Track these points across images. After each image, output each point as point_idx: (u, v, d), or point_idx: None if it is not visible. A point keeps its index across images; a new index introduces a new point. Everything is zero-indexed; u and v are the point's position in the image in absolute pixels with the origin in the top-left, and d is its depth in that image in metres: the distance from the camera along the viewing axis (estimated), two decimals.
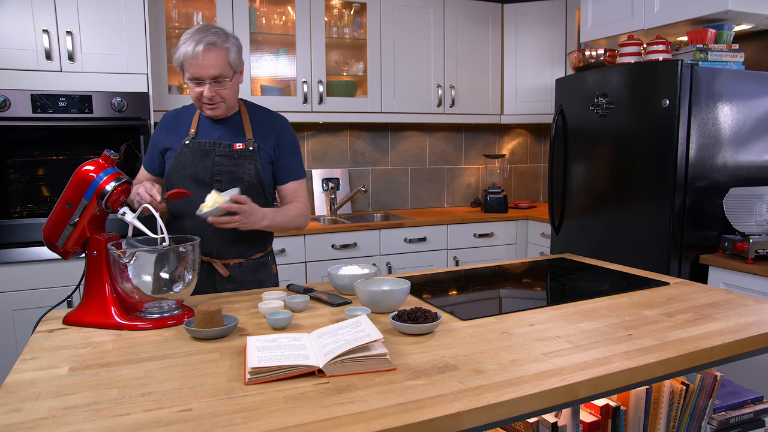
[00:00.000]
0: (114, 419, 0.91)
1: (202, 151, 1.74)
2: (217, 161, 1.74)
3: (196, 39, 1.60)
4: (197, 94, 1.67)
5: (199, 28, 1.64)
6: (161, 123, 1.85)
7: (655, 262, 2.50)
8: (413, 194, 4.03)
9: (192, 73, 1.63)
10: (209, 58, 1.60)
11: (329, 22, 3.42)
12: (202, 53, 1.59)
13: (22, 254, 2.48)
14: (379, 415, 0.92)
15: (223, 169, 1.74)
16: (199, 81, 1.64)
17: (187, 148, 1.75)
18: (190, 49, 1.59)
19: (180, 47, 1.62)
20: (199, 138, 1.76)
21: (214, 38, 1.61)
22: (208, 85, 1.64)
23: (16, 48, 2.46)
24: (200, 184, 1.73)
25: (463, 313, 1.47)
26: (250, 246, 1.83)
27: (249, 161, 1.75)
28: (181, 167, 1.74)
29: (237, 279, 1.81)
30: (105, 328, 1.37)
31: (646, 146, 2.54)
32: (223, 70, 1.64)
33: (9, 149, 2.53)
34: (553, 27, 3.71)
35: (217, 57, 1.61)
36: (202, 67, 1.61)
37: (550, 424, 1.20)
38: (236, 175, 1.74)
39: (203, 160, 1.74)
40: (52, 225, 1.43)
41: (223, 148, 1.74)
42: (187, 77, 1.65)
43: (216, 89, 1.65)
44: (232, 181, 1.74)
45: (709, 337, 1.27)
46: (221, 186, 1.73)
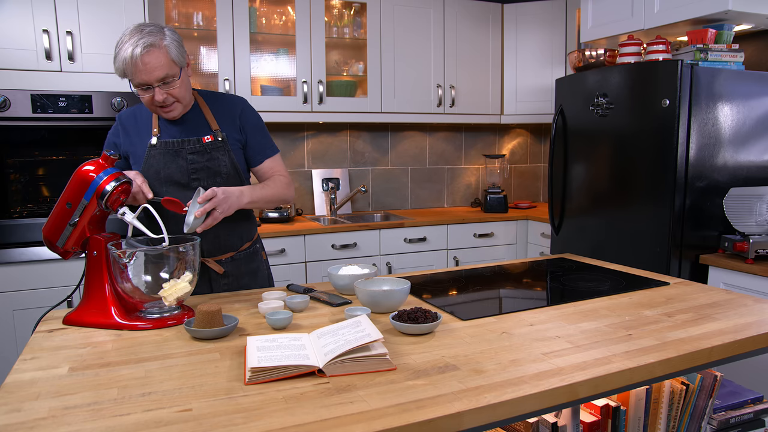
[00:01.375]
0: (114, 419, 0.91)
1: (172, 151, 1.67)
2: (190, 159, 1.67)
3: (132, 43, 1.49)
4: (148, 99, 1.58)
5: (132, 30, 1.52)
6: (117, 125, 1.74)
7: (655, 262, 2.50)
8: (413, 194, 4.03)
9: (137, 80, 1.53)
10: (151, 61, 1.50)
11: (329, 22, 3.42)
12: (140, 57, 1.49)
13: (22, 254, 2.48)
14: (379, 415, 0.92)
15: (198, 166, 1.68)
16: (147, 86, 1.55)
17: (155, 150, 1.67)
18: (128, 54, 1.49)
19: (118, 54, 1.52)
20: (164, 138, 1.68)
21: (150, 38, 1.50)
22: (157, 88, 1.55)
23: (16, 48, 2.46)
24: (178, 185, 1.67)
25: (463, 313, 1.47)
26: (237, 238, 1.80)
27: (222, 152, 1.70)
28: (153, 172, 1.67)
29: (232, 273, 1.79)
30: (105, 328, 1.37)
31: (646, 146, 2.54)
32: (168, 70, 1.54)
33: (9, 149, 2.53)
34: (553, 27, 3.71)
35: (158, 58, 1.51)
36: (146, 71, 1.51)
37: (550, 424, 1.20)
38: (213, 169, 1.68)
39: (175, 160, 1.67)
40: (52, 225, 1.43)
41: (193, 144, 1.67)
42: (134, 84, 1.56)
43: (167, 90, 1.57)
44: (209, 176, 1.68)
45: (709, 337, 1.27)
46: (200, 183, 1.68)
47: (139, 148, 1.69)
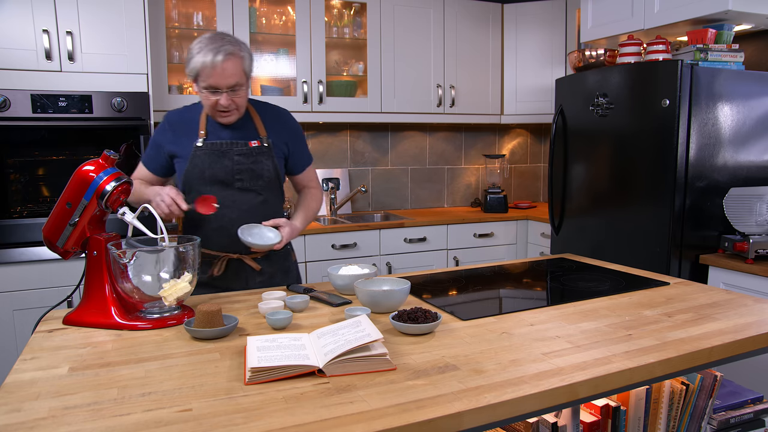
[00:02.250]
0: (114, 419, 0.91)
1: (219, 152, 1.75)
2: (236, 160, 1.75)
3: (213, 48, 1.60)
4: (213, 102, 1.67)
5: (213, 37, 1.64)
6: (165, 123, 1.81)
7: (655, 262, 2.50)
8: (413, 194, 4.03)
9: (210, 83, 1.63)
10: (228, 68, 1.61)
11: (329, 22, 3.42)
12: (221, 63, 1.60)
13: (22, 254, 2.48)
14: (379, 415, 0.92)
15: (243, 168, 1.76)
16: (216, 90, 1.64)
17: (201, 150, 1.75)
18: (209, 59, 1.59)
19: (195, 56, 1.62)
20: (211, 139, 1.76)
21: (231, 47, 1.62)
22: (225, 93, 1.65)
23: (16, 48, 2.46)
24: (222, 185, 1.76)
25: (463, 313, 1.47)
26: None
27: (266, 158, 1.79)
28: (198, 171, 1.75)
29: (266, 271, 1.86)
30: (105, 328, 1.37)
31: (646, 146, 2.54)
32: (240, 79, 1.65)
33: (9, 149, 2.53)
34: (553, 27, 3.71)
35: (235, 66, 1.62)
36: (222, 76, 1.61)
37: (550, 424, 1.20)
38: (256, 172, 1.77)
39: (221, 161, 1.74)
40: (52, 225, 1.43)
41: (241, 147, 1.76)
42: (203, 86, 1.65)
43: (232, 97, 1.66)
44: (252, 178, 1.77)
45: (709, 337, 1.27)
46: (243, 183, 1.77)
47: (186, 148, 1.76)
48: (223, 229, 1.77)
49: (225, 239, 1.78)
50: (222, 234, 1.78)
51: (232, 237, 1.72)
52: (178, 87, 3.15)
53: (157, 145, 1.81)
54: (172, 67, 3.14)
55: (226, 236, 1.77)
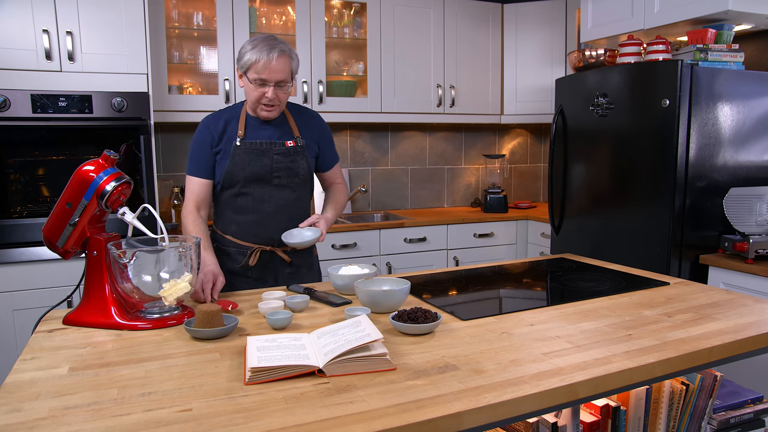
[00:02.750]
0: (114, 419, 0.91)
1: (259, 151, 1.85)
2: (275, 159, 1.86)
3: (268, 46, 1.74)
4: (259, 94, 1.78)
5: (267, 37, 1.78)
6: (203, 127, 1.87)
7: (655, 262, 2.50)
8: (413, 194, 4.03)
9: (261, 76, 1.75)
10: (280, 64, 1.75)
11: (329, 22, 3.42)
12: (276, 59, 1.74)
13: (22, 254, 2.48)
14: (379, 415, 0.92)
15: (281, 166, 1.87)
16: (265, 83, 1.76)
17: (240, 149, 1.84)
18: (264, 54, 1.73)
19: (250, 51, 1.75)
20: (249, 139, 1.86)
21: (284, 47, 1.78)
22: (272, 87, 1.77)
23: (16, 48, 2.46)
24: (260, 181, 1.86)
25: (463, 313, 1.47)
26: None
27: (302, 157, 1.91)
28: (239, 168, 1.84)
29: (294, 263, 1.95)
30: (105, 328, 1.37)
31: (646, 146, 2.54)
32: (287, 76, 1.78)
33: (9, 149, 2.53)
34: (553, 27, 3.71)
35: (285, 63, 1.77)
36: (273, 71, 1.74)
37: (550, 424, 1.20)
38: (293, 170, 1.89)
39: (261, 159, 1.85)
40: (52, 225, 1.43)
41: (279, 147, 1.87)
42: (253, 78, 1.76)
43: (277, 92, 1.78)
44: (289, 176, 1.89)
45: (709, 337, 1.28)
46: (280, 180, 1.88)
47: (227, 146, 1.86)
48: (259, 222, 1.88)
49: (260, 232, 1.89)
50: (258, 227, 1.89)
51: (266, 230, 1.88)
52: (178, 87, 3.15)
53: (202, 149, 1.86)
54: (172, 67, 3.14)
55: (261, 230, 1.89)
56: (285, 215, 1.89)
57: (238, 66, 1.81)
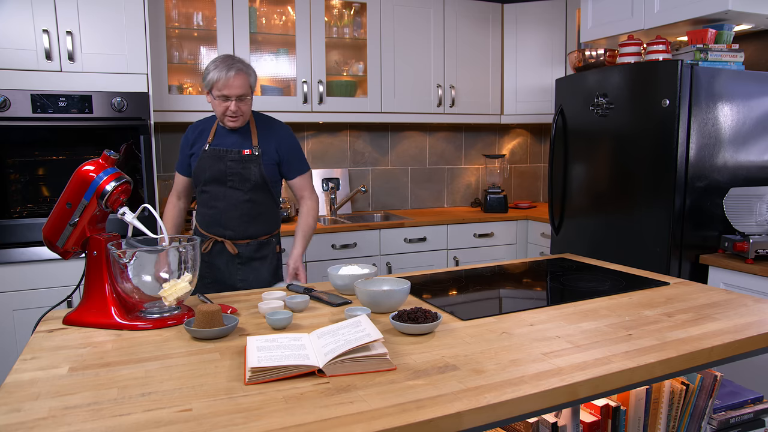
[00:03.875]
0: (114, 419, 0.91)
1: (217, 157, 2.09)
2: (228, 165, 2.08)
3: (226, 66, 1.99)
4: (224, 108, 2.02)
5: (225, 57, 2.03)
6: (188, 133, 2.19)
7: (655, 262, 2.50)
8: (413, 194, 4.03)
9: (223, 92, 1.99)
10: (238, 80, 1.99)
11: (329, 22, 3.42)
12: (233, 77, 1.98)
13: (22, 254, 2.48)
14: (379, 415, 0.92)
15: (233, 171, 2.09)
16: (227, 98, 2.00)
17: (206, 153, 2.11)
18: (223, 73, 1.98)
19: (211, 72, 2.00)
20: (215, 145, 2.12)
21: (241, 65, 2.02)
22: (234, 101, 2.01)
23: (16, 48, 2.46)
24: (218, 182, 2.10)
25: (463, 313, 1.47)
26: (263, 230, 2.18)
27: (254, 164, 2.10)
28: (201, 170, 2.10)
29: (243, 255, 2.14)
30: (105, 328, 1.37)
31: (646, 146, 2.54)
32: (246, 90, 2.03)
33: (9, 149, 2.53)
34: (553, 27, 3.71)
35: (243, 80, 2.01)
36: (232, 87, 1.99)
37: (550, 424, 1.20)
38: (243, 176, 2.09)
39: (218, 164, 2.09)
40: (52, 225, 1.43)
41: (233, 155, 2.09)
42: (216, 95, 2.01)
43: (239, 104, 2.02)
44: (240, 181, 2.09)
45: (709, 337, 1.28)
46: (234, 184, 2.08)
47: (198, 151, 2.14)
48: (214, 216, 2.13)
49: (215, 225, 2.13)
50: (213, 220, 2.13)
51: (219, 223, 2.12)
52: (178, 87, 3.15)
53: (183, 152, 2.19)
54: (172, 67, 3.14)
55: (216, 222, 2.13)
56: (236, 212, 2.10)
57: (203, 85, 2.04)
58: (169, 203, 2.26)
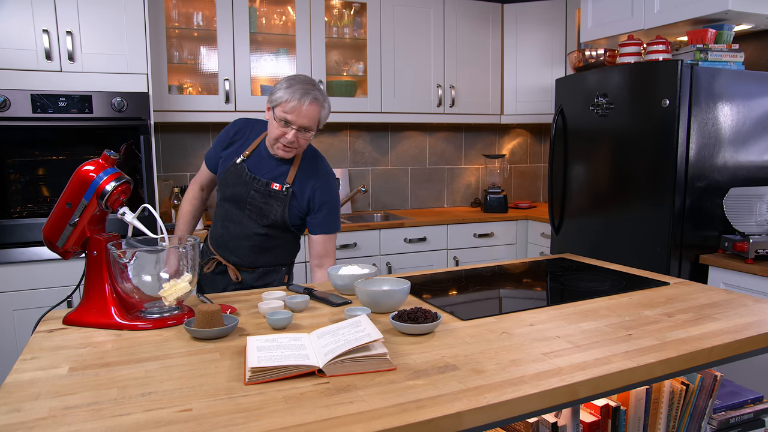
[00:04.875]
0: (114, 419, 0.91)
1: (244, 180, 1.87)
2: (251, 195, 1.86)
3: (303, 90, 1.73)
4: (280, 133, 1.76)
5: (305, 79, 1.77)
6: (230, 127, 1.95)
7: (655, 262, 2.50)
8: (413, 194, 4.03)
9: (288, 117, 1.73)
10: (310, 111, 1.74)
11: (329, 22, 3.42)
12: (307, 105, 1.72)
13: (22, 254, 2.48)
14: (379, 415, 0.92)
15: (254, 203, 1.87)
16: (289, 124, 1.74)
17: (234, 168, 1.88)
18: (297, 96, 1.71)
19: (282, 90, 1.74)
20: (249, 163, 1.88)
21: (318, 95, 1.76)
22: (294, 131, 1.75)
23: (16, 48, 2.46)
24: (236, 203, 1.89)
25: (463, 313, 1.47)
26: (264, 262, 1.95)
27: (279, 204, 1.86)
28: (225, 185, 1.91)
29: (246, 282, 1.95)
30: (105, 328, 1.37)
31: (646, 146, 2.54)
32: (313, 123, 1.77)
33: (9, 149, 2.53)
34: (553, 27, 3.71)
35: (315, 111, 1.75)
36: (300, 115, 1.73)
37: (550, 424, 1.20)
38: (263, 212, 1.87)
39: (242, 188, 1.87)
40: (52, 225, 1.43)
41: (260, 185, 1.86)
42: (279, 116, 1.74)
43: (298, 136, 1.77)
44: (258, 215, 1.87)
45: (709, 337, 1.27)
46: (251, 214, 1.87)
47: (231, 156, 1.92)
48: (223, 237, 1.94)
49: (222, 246, 1.95)
50: (221, 241, 1.95)
51: (226, 247, 1.93)
52: (178, 87, 3.15)
53: (215, 145, 1.97)
54: (172, 67, 3.14)
55: (223, 244, 1.94)
56: (247, 242, 1.90)
57: (269, 100, 1.79)
58: (191, 191, 2.05)
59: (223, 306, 1.52)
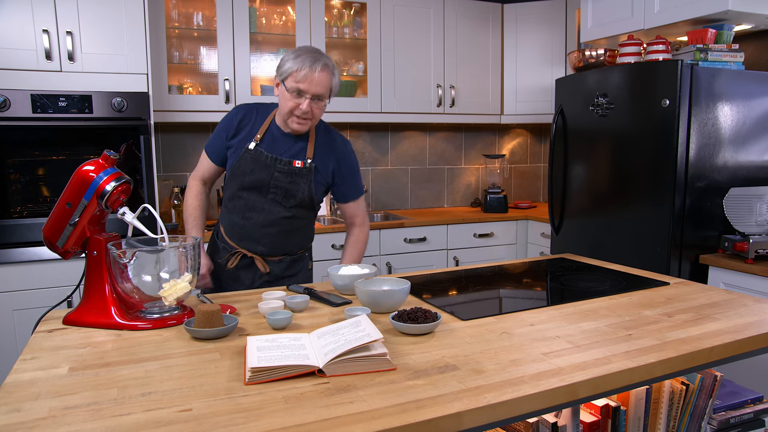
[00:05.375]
0: (114, 419, 0.91)
1: (263, 164, 1.83)
2: (275, 176, 1.83)
3: (312, 58, 1.73)
4: (294, 105, 1.75)
5: (312, 49, 1.77)
6: (233, 115, 1.89)
7: (655, 262, 2.50)
8: (413, 194, 4.03)
9: (300, 86, 1.72)
10: (322, 77, 1.73)
11: (329, 22, 3.42)
12: (318, 71, 1.72)
13: (22, 254, 2.48)
14: (379, 415, 0.92)
15: (280, 184, 1.83)
16: (302, 94, 1.73)
17: (249, 154, 1.83)
18: (308, 64, 1.71)
19: (291, 60, 1.73)
20: (263, 146, 1.84)
21: (328, 61, 1.76)
22: (308, 99, 1.74)
23: (16, 48, 2.46)
24: (258, 192, 1.85)
25: (463, 313, 1.47)
26: (296, 245, 1.96)
27: (304, 180, 1.85)
28: (241, 173, 1.84)
29: (274, 273, 1.93)
30: (105, 328, 1.37)
31: (646, 146, 2.54)
32: (325, 91, 1.76)
33: (9, 149, 2.53)
34: (553, 27, 3.71)
35: (327, 78, 1.75)
36: (313, 83, 1.72)
37: (550, 424, 1.20)
38: (290, 191, 1.85)
39: (262, 172, 1.83)
40: (52, 225, 1.43)
41: (283, 165, 1.83)
42: (291, 87, 1.74)
43: (312, 105, 1.75)
44: (284, 196, 1.85)
45: (709, 337, 1.27)
46: (276, 197, 1.84)
47: (240, 144, 1.85)
48: (245, 228, 1.88)
49: (244, 238, 1.90)
50: (243, 233, 1.89)
51: (251, 239, 1.88)
52: (178, 87, 3.15)
53: (219, 133, 1.89)
54: (172, 67, 3.14)
55: (246, 236, 1.89)
56: (273, 228, 1.87)
57: (277, 74, 1.78)
58: (193, 187, 1.96)
59: (223, 306, 1.52)
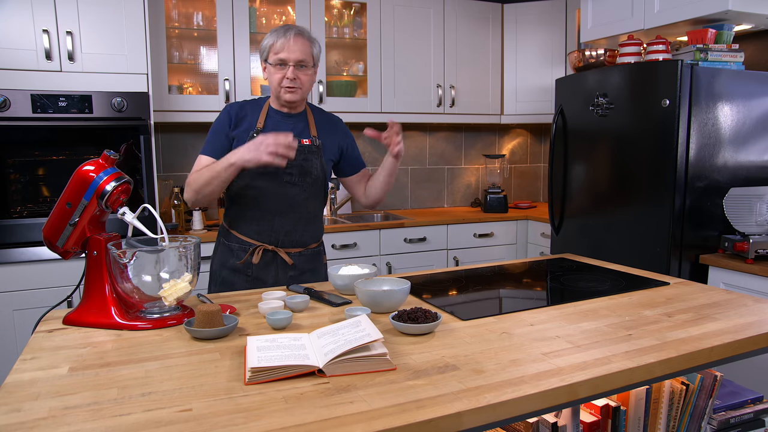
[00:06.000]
0: (114, 419, 0.91)
1: None
2: None
3: (285, 27, 1.78)
4: (281, 76, 1.78)
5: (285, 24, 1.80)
6: (226, 112, 1.87)
7: (655, 262, 2.50)
8: (413, 194, 4.03)
9: (279, 57, 1.76)
10: (297, 43, 1.76)
11: (329, 22, 3.42)
12: (292, 38, 1.76)
13: (22, 254, 2.48)
14: (379, 415, 0.92)
15: (294, 163, 1.82)
16: (284, 62, 1.76)
17: None
18: (281, 33, 1.76)
19: (267, 37, 1.79)
20: (266, 131, 1.82)
21: (301, 29, 1.80)
22: (292, 67, 1.76)
23: (16, 48, 2.46)
24: (271, 176, 1.82)
25: (463, 313, 1.47)
26: (310, 236, 1.95)
27: (315, 157, 1.87)
28: None
29: (298, 266, 1.92)
30: (105, 328, 1.37)
31: (646, 146, 2.54)
32: (306, 57, 1.78)
33: (9, 149, 2.53)
34: (553, 27, 3.71)
35: (303, 44, 1.78)
36: (290, 50, 1.75)
37: (550, 424, 1.20)
38: (305, 169, 1.85)
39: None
40: (52, 225, 1.43)
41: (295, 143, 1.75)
42: (273, 61, 1.78)
43: (297, 73, 1.78)
44: (301, 175, 1.84)
45: (709, 337, 1.27)
46: (292, 178, 1.83)
47: (243, 136, 1.83)
48: (264, 219, 1.86)
49: (264, 230, 1.87)
50: (262, 225, 1.86)
51: (271, 229, 1.86)
52: (178, 87, 3.15)
53: (218, 132, 1.85)
54: (172, 67, 3.14)
55: (266, 228, 1.87)
56: (293, 215, 1.87)
57: (261, 58, 1.83)
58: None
59: (223, 306, 1.52)
